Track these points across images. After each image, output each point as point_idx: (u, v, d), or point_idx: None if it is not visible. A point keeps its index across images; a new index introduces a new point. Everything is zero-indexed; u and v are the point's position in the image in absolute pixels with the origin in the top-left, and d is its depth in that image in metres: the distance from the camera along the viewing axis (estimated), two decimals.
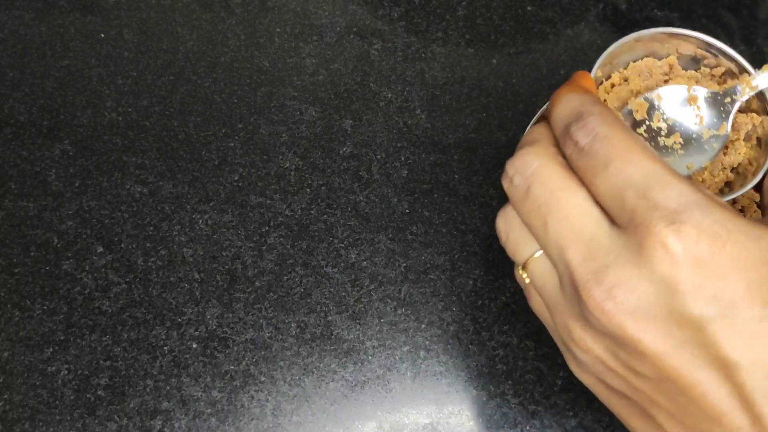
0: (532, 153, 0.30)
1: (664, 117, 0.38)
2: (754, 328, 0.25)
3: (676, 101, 0.39)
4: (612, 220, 0.28)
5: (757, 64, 0.38)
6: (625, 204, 0.26)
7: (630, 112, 0.38)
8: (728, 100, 0.38)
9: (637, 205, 0.26)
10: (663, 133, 0.38)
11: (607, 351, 0.28)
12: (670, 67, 0.40)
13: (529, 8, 0.54)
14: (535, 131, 0.31)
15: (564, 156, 0.30)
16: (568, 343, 0.30)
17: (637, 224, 0.26)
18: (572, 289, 0.28)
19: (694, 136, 0.38)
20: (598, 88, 0.39)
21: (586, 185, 0.29)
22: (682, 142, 0.38)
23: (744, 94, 0.38)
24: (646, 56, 0.40)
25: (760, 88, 0.37)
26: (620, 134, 0.28)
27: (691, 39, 0.39)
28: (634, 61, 0.40)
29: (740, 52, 0.48)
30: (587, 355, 0.29)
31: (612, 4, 0.54)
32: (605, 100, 0.39)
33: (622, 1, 0.54)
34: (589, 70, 0.38)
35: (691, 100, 0.38)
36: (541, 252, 0.30)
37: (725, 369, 0.25)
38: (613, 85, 0.40)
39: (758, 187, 0.39)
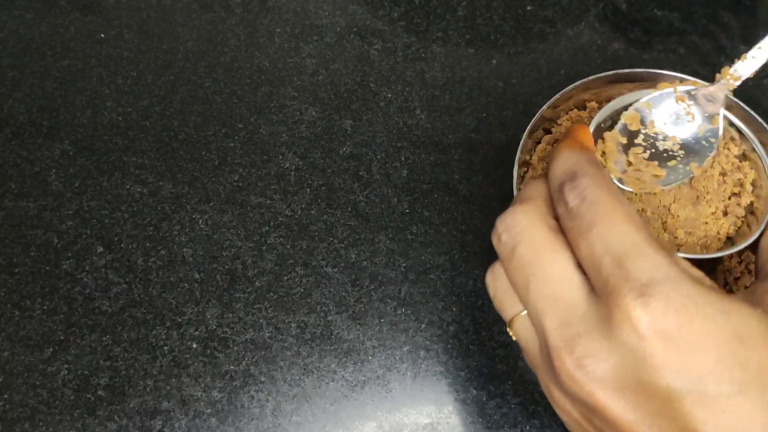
0: (521, 211, 0.30)
1: (659, 122, 0.39)
2: (723, 404, 0.25)
3: (666, 106, 0.39)
4: (591, 287, 0.28)
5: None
6: (601, 271, 0.27)
7: (624, 126, 0.39)
8: (716, 96, 0.39)
9: (611, 273, 0.26)
10: (660, 138, 0.39)
11: (583, 416, 0.28)
12: None
13: (529, 8, 0.54)
14: (530, 188, 0.32)
15: (557, 216, 0.30)
16: (551, 401, 0.30)
17: (609, 293, 0.26)
18: (547, 354, 0.28)
19: (690, 134, 0.39)
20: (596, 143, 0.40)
21: (572, 247, 0.29)
22: (680, 142, 0.39)
23: (729, 86, 0.38)
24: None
25: (744, 77, 0.38)
26: (608, 199, 0.28)
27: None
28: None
29: (739, 53, 0.48)
30: (567, 416, 0.29)
31: (612, 4, 0.54)
32: (604, 153, 0.39)
33: (622, 1, 0.54)
34: (586, 121, 0.38)
35: (679, 99, 0.39)
36: (524, 312, 0.30)
37: None
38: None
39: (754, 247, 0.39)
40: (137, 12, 0.53)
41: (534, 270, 0.29)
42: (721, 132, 0.38)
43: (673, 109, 0.39)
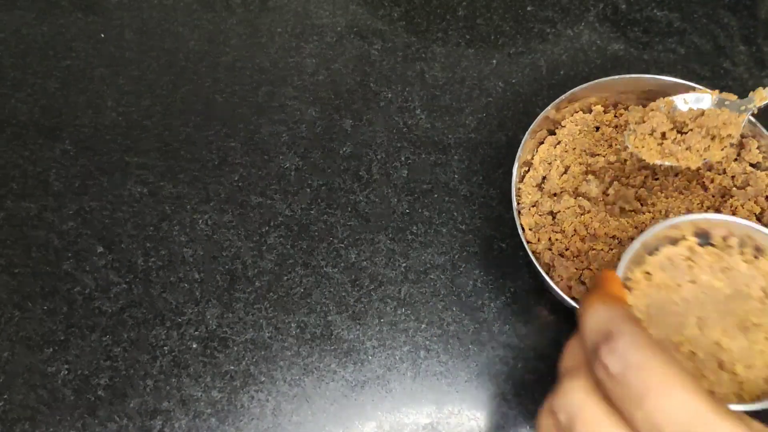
0: (571, 389, 0.28)
1: None
2: None
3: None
4: None
5: (757, 64, 0.38)
6: None
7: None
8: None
9: None
10: None
11: None
12: (690, 249, 0.37)
13: (529, 8, 0.54)
14: (570, 355, 0.30)
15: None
16: None
17: None
18: None
19: None
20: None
21: (624, 416, 0.27)
22: None
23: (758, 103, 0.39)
24: (660, 245, 0.38)
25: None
26: (655, 362, 0.26)
27: (701, 219, 0.38)
28: (650, 255, 0.38)
29: (739, 53, 0.48)
30: None
31: (612, 4, 0.54)
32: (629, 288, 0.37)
33: (622, 1, 0.54)
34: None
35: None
36: None
37: None
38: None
39: None
40: (138, 12, 0.53)
41: None
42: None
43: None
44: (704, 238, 0.38)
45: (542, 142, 0.46)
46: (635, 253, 0.36)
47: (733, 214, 0.42)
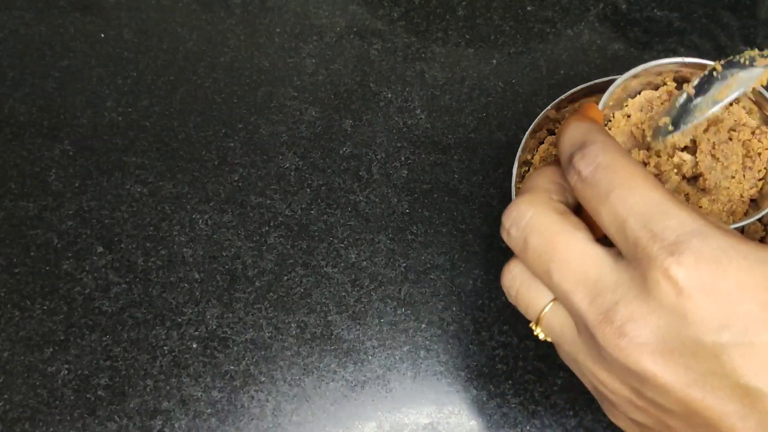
0: (524, 203, 0.30)
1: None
2: None
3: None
4: (617, 253, 0.28)
5: None
6: (627, 235, 0.26)
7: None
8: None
9: (638, 236, 0.26)
10: None
11: (633, 390, 0.28)
12: (669, 94, 0.40)
13: (529, 8, 0.54)
14: (530, 180, 0.31)
15: (563, 200, 0.30)
16: (597, 386, 0.30)
17: (639, 257, 0.26)
18: (587, 333, 0.28)
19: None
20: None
21: (586, 223, 0.29)
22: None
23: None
24: (643, 90, 0.40)
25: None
26: (621, 163, 0.27)
27: (683, 64, 0.39)
28: (632, 98, 0.40)
29: (739, 53, 0.48)
30: (616, 397, 0.29)
31: (612, 4, 0.54)
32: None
33: (622, 1, 0.54)
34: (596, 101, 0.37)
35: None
36: (551, 305, 0.30)
37: (749, 398, 0.25)
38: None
39: None
40: (137, 12, 0.53)
41: (552, 256, 0.28)
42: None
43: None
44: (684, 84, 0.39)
45: (542, 142, 0.46)
46: (618, 98, 0.39)
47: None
